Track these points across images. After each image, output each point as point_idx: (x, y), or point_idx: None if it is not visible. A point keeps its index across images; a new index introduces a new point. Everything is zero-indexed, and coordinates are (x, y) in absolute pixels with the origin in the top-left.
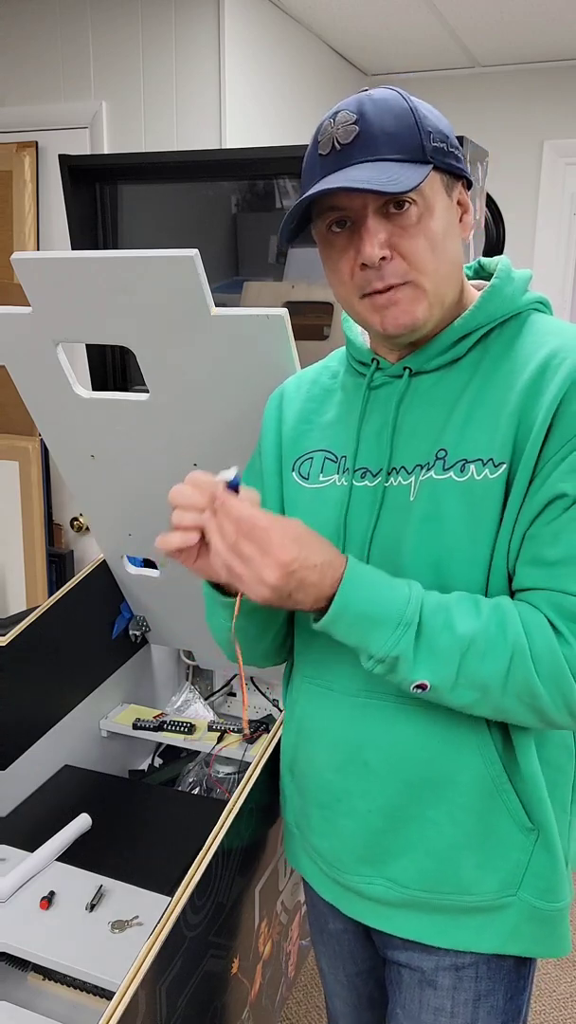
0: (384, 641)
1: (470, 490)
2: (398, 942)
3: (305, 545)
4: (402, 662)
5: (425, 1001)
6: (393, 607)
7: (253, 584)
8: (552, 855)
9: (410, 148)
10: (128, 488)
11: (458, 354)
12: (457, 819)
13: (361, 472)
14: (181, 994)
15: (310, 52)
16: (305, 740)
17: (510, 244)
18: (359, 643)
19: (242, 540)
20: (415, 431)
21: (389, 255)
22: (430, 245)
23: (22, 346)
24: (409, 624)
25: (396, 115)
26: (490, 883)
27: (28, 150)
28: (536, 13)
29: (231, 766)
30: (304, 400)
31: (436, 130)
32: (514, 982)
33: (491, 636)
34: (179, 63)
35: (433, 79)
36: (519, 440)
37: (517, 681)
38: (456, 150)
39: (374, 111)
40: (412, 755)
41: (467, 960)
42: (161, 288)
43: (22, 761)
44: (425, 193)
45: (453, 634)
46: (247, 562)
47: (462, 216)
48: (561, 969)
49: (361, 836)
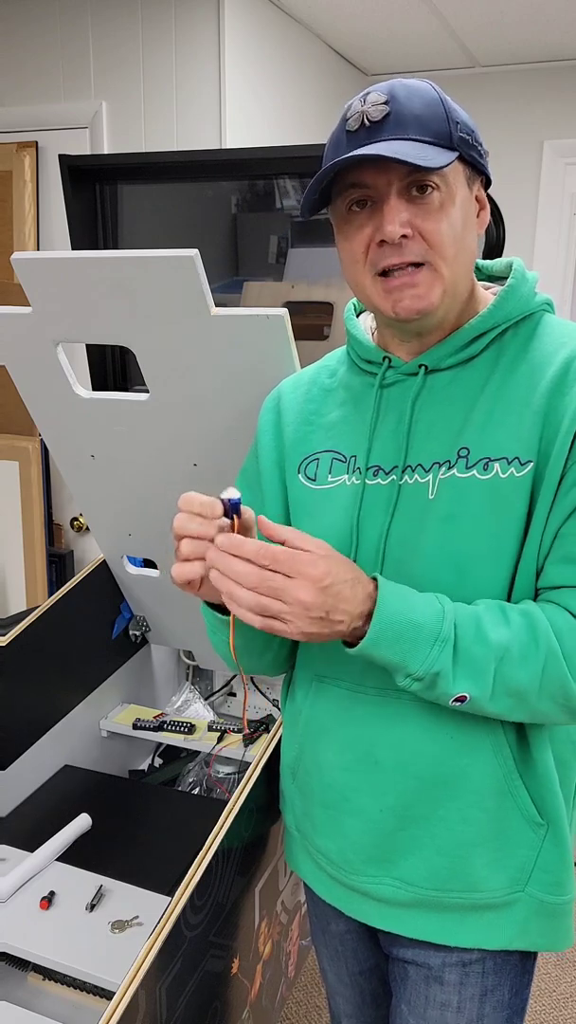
0: (424, 658)
1: (495, 488)
2: (404, 940)
3: (332, 559)
4: (442, 678)
5: (431, 997)
6: (430, 622)
7: (291, 615)
8: (561, 849)
9: (438, 132)
10: (128, 488)
11: (474, 352)
12: (468, 816)
13: (373, 470)
14: (181, 994)
15: (310, 52)
16: (312, 740)
17: (510, 244)
18: (399, 662)
19: (266, 575)
20: (432, 429)
21: (410, 233)
22: (452, 232)
23: (22, 346)
24: (447, 640)
25: (426, 101)
26: (499, 880)
27: (28, 150)
28: (536, 13)
29: (231, 766)
30: (303, 401)
31: (463, 122)
32: (519, 976)
33: (523, 643)
34: (179, 63)
35: (433, 79)
36: (546, 438)
37: (552, 684)
38: (480, 146)
39: (405, 94)
40: (424, 753)
41: (474, 956)
42: (161, 288)
43: (22, 761)
44: (449, 180)
45: (487, 644)
46: (279, 594)
47: (479, 212)
48: (561, 969)
49: (369, 835)
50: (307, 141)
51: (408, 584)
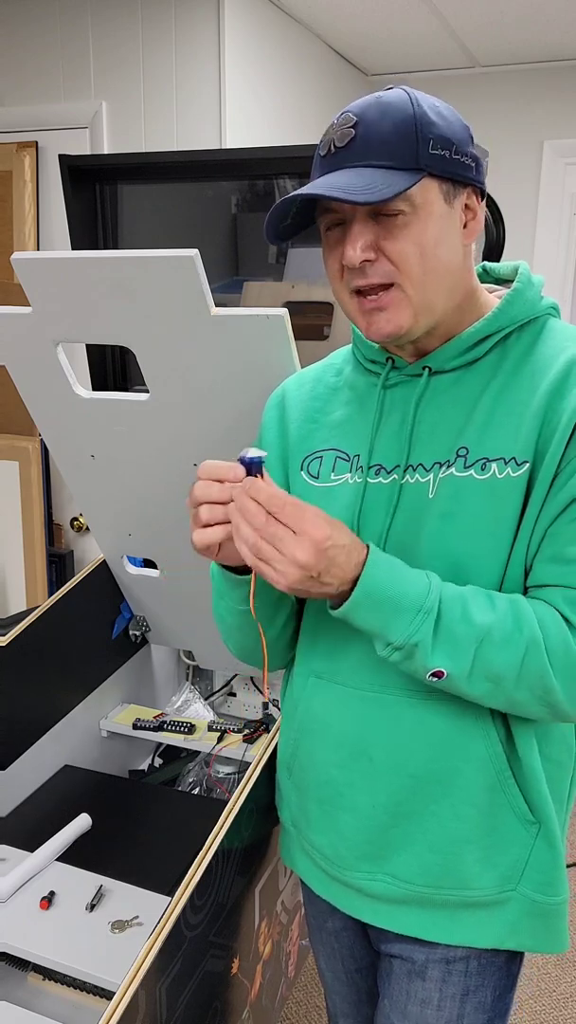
0: (405, 627)
1: (491, 488)
2: (392, 935)
3: (334, 524)
4: (420, 649)
5: (413, 992)
6: (414, 593)
7: (284, 565)
8: (553, 848)
9: (402, 155)
10: (128, 488)
11: (478, 355)
12: (460, 813)
13: (375, 469)
14: (181, 994)
15: (310, 52)
16: (307, 736)
17: (510, 244)
18: (379, 628)
19: (272, 522)
20: (434, 429)
21: (374, 257)
22: (419, 251)
23: (22, 346)
24: (429, 611)
25: (395, 121)
26: (491, 877)
27: (28, 150)
28: (536, 13)
29: (231, 766)
30: (308, 399)
31: (439, 137)
32: (503, 979)
33: (507, 629)
34: (179, 63)
35: (433, 79)
36: (542, 440)
37: (531, 674)
38: (463, 157)
39: (375, 116)
40: (417, 750)
41: (459, 954)
42: (161, 288)
43: (22, 761)
44: (415, 201)
45: (470, 623)
46: (278, 543)
47: (467, 222)
48: (561, 969)
49: (363, 832)
50: (307, 141)
51: None
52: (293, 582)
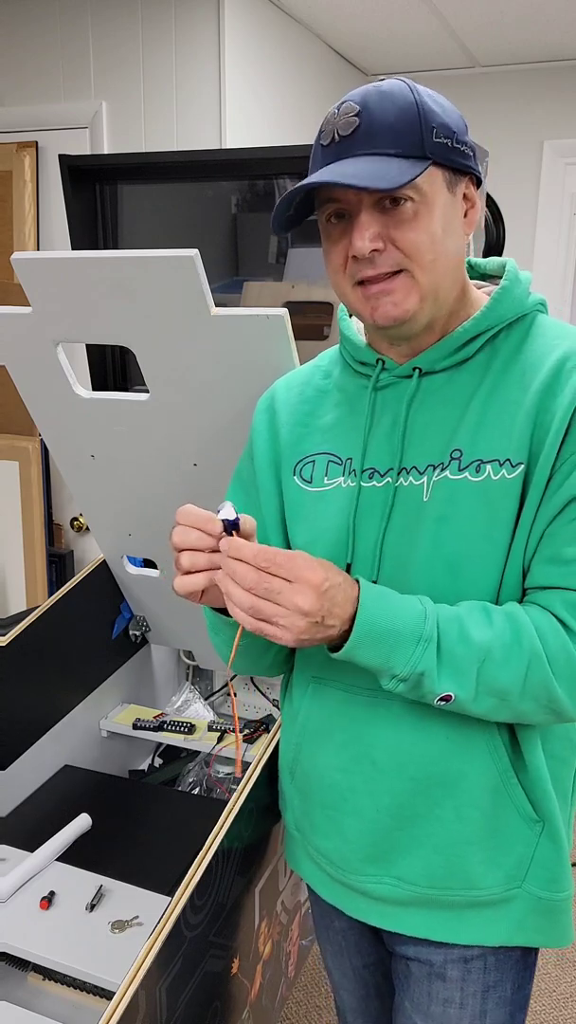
0: (408, 658)
1: (486, 490)
2: (406, 937)
3: (324, 564)
4: (427, 676)
5: (434, 993)
6: (412, 622)
7: (287, 618)
8: (557, 845)
9: (409, 143)
10: (128, 488)
11: (468, 355)
12: (464, 815)
13: (369, 473)
14: (181, 994)
15: (310, 52)
16: (309, 740)
17: (510, 244)
18: (383, 663)
19: (265, 577)
20: (426, 431)
21: (382, 246)
22: (429, 239)
23: (22, 346)
24: (430, 639)
25: (399, 109)
26: (496, 876)
27: (28, 150)
28: (536, 13)
29: (231, 766)
30: (297, 402)
31: (441, 125)
32: (521, 972)
33: (506, 644)
34: (179, 63)
35: (433, 79)
36: (536, 440)
37: (535, 686)
38: (463, 146)
39: (377, 104)
40: (420, 753)
41: (475, 952)
42: (161, 288)
43: (22, 761)
44: (423, 189)
45: (470, 644)
46: (276, 596)
47: (467, 212)
48: (561, 968)
49: (367, 835)
50: (307, 141)
51: (403, 585)
52: (299, 633)
